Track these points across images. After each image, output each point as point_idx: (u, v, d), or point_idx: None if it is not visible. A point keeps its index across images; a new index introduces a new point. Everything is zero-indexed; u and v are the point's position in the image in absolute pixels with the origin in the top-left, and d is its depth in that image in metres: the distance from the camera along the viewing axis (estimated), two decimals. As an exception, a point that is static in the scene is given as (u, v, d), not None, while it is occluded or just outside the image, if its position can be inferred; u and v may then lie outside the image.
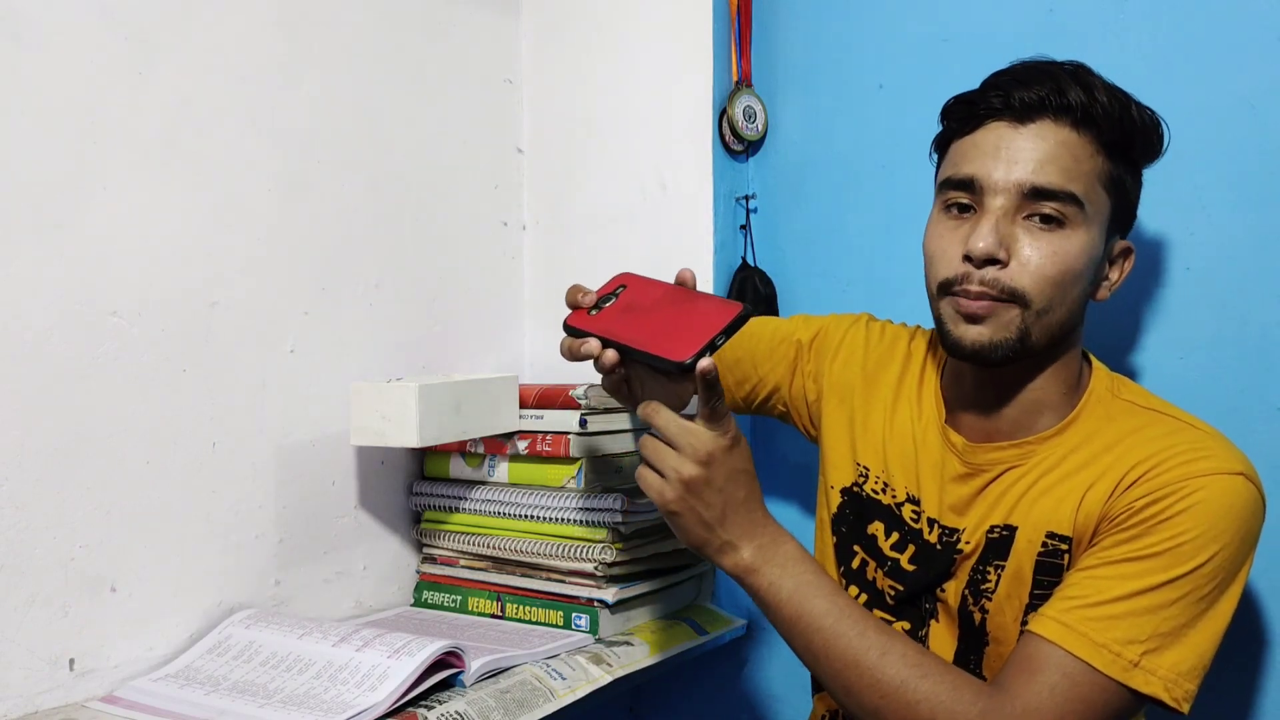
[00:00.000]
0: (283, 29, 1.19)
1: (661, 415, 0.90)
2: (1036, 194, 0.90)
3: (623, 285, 0.98)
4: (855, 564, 1.09)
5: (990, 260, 0.90)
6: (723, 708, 1.49)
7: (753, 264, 1.43)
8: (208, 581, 1.12)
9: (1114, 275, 0.98)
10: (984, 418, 1.00)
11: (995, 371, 0.96)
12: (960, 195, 0.94)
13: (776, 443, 1.45)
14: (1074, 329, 0.96)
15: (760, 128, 1.43)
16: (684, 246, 1.41)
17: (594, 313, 0.96)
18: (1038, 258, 0.90)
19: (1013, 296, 0.91)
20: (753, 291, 1.40)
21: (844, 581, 1.10)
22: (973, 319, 0.92)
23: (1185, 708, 0.85)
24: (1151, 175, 1.16)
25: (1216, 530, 0.86)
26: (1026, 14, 1.24)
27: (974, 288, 0.91)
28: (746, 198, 1.44)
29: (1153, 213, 1.16)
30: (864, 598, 1.08)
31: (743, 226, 1.44)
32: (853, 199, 1.38)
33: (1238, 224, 1.12)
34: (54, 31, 0.99)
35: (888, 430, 1.08)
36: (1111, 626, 0.85)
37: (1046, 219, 0.90)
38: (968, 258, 0.91)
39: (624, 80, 1.46)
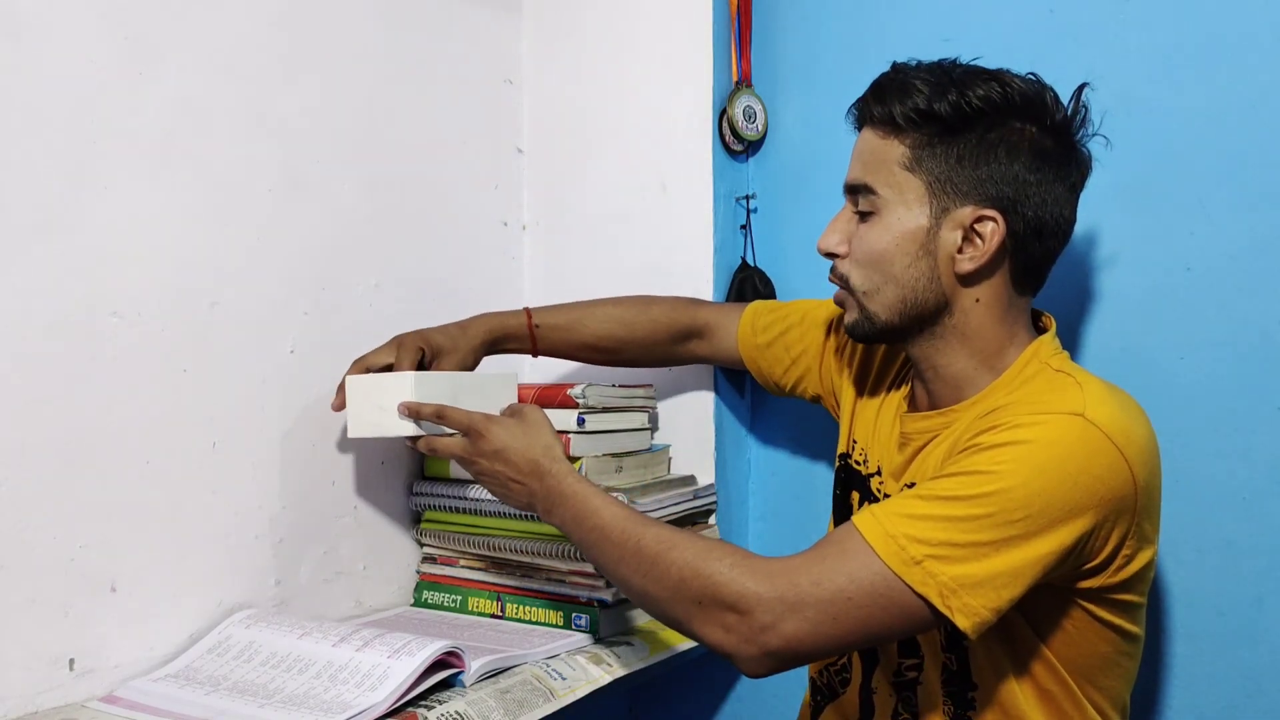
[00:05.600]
0: (283, 29, 1.19)
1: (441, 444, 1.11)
2: (849, 190, 1.02)
3: None
4: None
5: (831, 255, 1.04)
6: (722, 708, 1.49)
7: (753, 264, 1.43)
8: (208, 581, 1.12)
9: (973, 246, 0.96)
10: (924, 392, 1.05)
11: (908, 348, 1.04)
12: None
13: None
14: (938, 305, 0.99)
15: (760, 128, 1.43)
16: (684, 246, 1.41)
17: None
18: (854, 246, 1.01)
19: (844, 282, 1.03)
20: (752, 291, 1.40)
21: None
22: (839, 305, 1.06)
23: (961, 621, 0.84)
24: (1152, 175, 1.16)
25: (1036, 462, 0.85)
26: (1027, 14, 1.24)
27: (830, 276, 1.06)
28: (747, 198, 1.44)
29: (1153, 213, 1.16)
30: None
31: (743, 226, 1.44)
32: (853, 199, 1.38)
33: (1238, 224, 1.12)
34: (54, 31, 0.99)
35: (878, 406, 1.13)
36: (907, 524, 0.86)
37: (860, 212, 1.01)
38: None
39: (624, 80, 1.46)
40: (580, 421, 1.25)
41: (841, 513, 1.14)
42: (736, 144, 1.42)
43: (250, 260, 1.16)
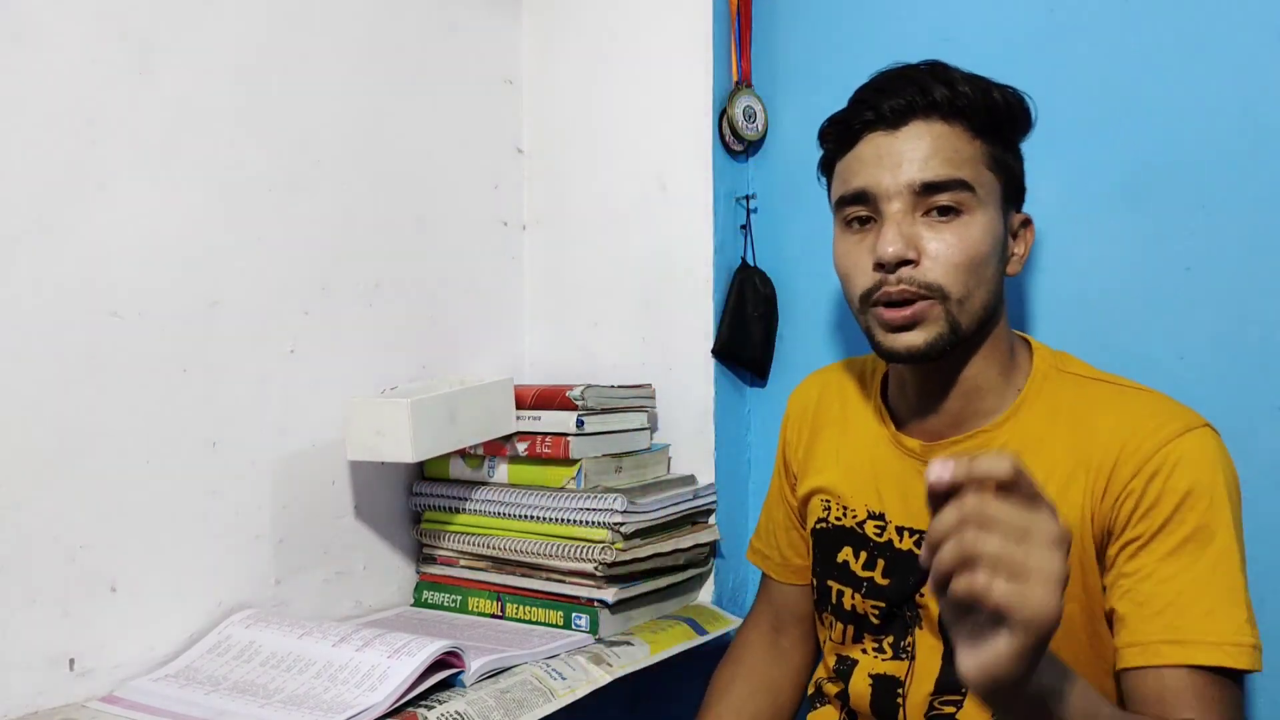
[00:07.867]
0: (283, 29, 1.19)
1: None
2: (929, 189, 0.93)
3: None
4: (834, 598, 1.08)
5: (903, 262, 0.93)
6: (723, 708, 1.49)
7: (752, 264, 1.43)
8: (208, 581, 1.12)
9: (1019, 249, 1.00)
10: (932, 415, 1.01)
11: (932, 364, 0.98)
12: (858, 209, 0.97)
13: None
14: (996, 308, 0.98)
15: (760, 128, 1.43)
16: (684, 246, 1.41)
17: None
18: (944, 249, 0.92)
19: (931, 291, 0.93)
20: (752, 291, 1.40)
21: (832, 619, 1.09)
22: (902, 328, 0.94)
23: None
24: (1152, 175, 1.16)
25: (1213, 479, 0.88)
26: (1027, 14, 1.24)
27: (894, 290, 0.93)
28: (747, 198, 1.44)
29: (1153, 212, 1.16)
30: (850, 629, 1.07)
31: (743, 226, 1.44)
32: (853, 199, 1.38)
33: (1237, 224, 1.12)
34: (54, 31, 0.99)
35: (839, 454, 1.10)
36: (1217, 622, 0.85)
37: (944, 210, 0.93)
38: (880, 265, 0.93)
39: (624, 80, 1.46)
40: (579, 423, 1.25)
41: (830, 581, 1.08)
42: (736, 144, 1.42)
43: (250, 260, 1.16)
